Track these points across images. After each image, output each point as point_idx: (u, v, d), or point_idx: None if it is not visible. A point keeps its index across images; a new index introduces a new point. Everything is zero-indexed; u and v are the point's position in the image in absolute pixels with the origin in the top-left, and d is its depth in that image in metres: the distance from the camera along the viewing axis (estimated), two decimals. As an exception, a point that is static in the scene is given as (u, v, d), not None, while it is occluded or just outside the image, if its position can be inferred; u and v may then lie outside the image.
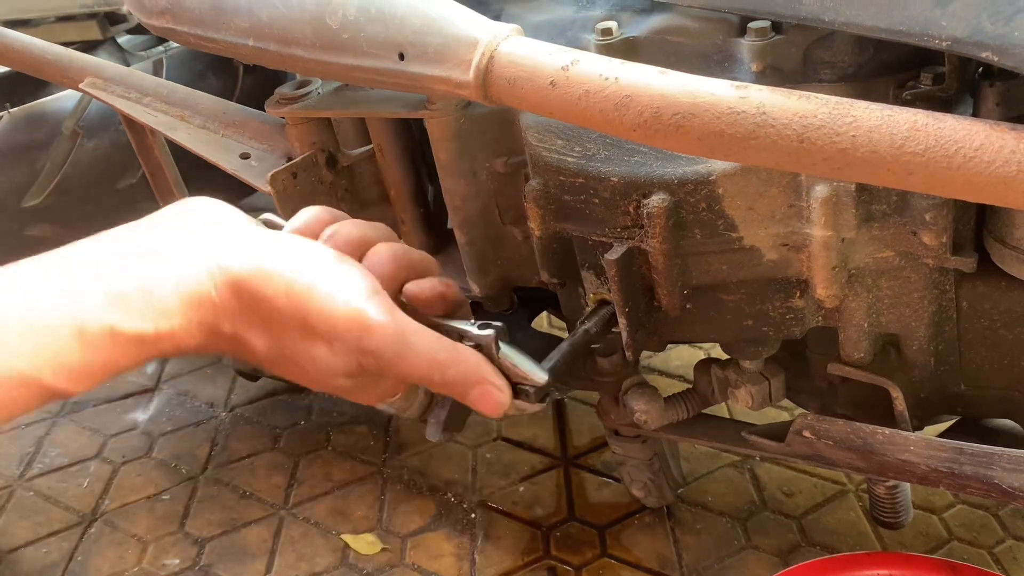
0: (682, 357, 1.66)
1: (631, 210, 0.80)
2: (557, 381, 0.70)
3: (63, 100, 1.37)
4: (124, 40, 1.55)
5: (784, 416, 1.44)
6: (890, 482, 1.01)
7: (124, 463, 1.60)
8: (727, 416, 1.39)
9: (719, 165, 0.76)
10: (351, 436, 1.61)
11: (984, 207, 0.78)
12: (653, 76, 0.56)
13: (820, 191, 0.75)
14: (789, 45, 0.74)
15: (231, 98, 1.29)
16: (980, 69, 0.73)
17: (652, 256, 0.80)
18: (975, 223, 0.79)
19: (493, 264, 0.99)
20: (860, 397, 0.91)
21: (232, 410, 1.71)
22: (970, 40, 0.55)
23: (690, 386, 1.04)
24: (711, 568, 1.29)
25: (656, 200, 0.77)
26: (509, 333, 0.62)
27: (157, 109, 1.12)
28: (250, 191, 1.11)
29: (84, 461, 1.61)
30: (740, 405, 0.97)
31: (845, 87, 0.73)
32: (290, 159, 1.01)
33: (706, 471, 1.44)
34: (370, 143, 1.02)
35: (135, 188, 1.42)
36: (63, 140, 1.35)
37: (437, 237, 1.09)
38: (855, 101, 0.53)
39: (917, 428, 0.91)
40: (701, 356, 1.10)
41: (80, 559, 1.42)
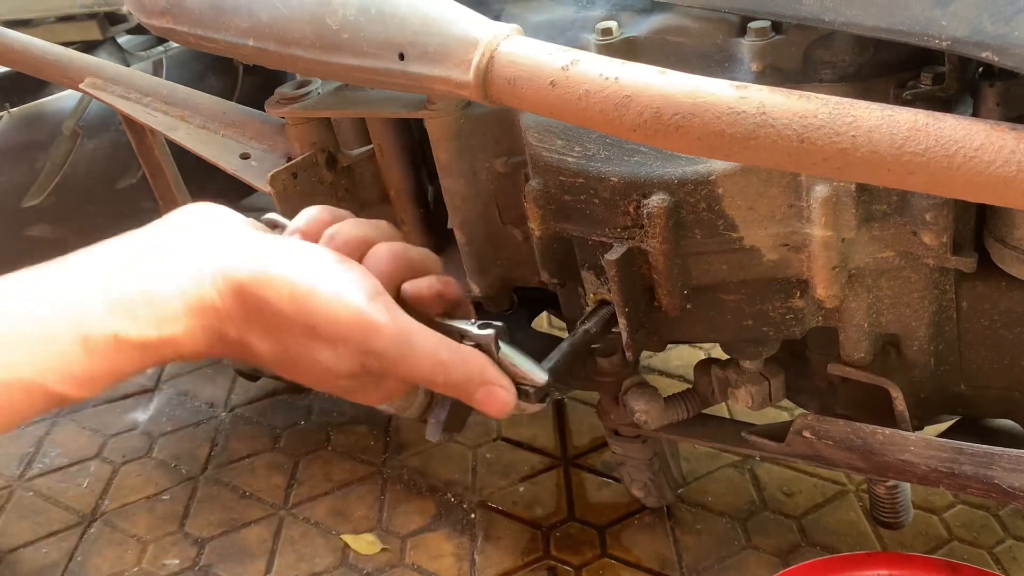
0: (682, 357, 1.66)
1: (631, 210, 0.80)
2: (557, 381, 0.70)
3: (63, 100, 1.36)
4: (124, 40, 1.55)
5: (784, 416, 1.44)
6: (890, 482, 1.01)
7: (124, 463, 1.60)
8: (727, 416, 1.39)
9: (719, 165, 0.76)
10: (351, 436, 1.61)
11: (984, 207, 0.77)
12: (653, 76, 0.56)
13: (820, 191, 0.75)
14: (789, 45, 0.74)
15: (231, 98, 1.29)
16: (980, 69, 0.73)
17: (652, 256, 0.80)
18: (975, 223, 0.79)
19: (493, 264, 0.99)
20: (860, 397, 0.91)
21: (232, 410, 1.71)
22: (970, 40, 0.55)
23: (690, 386, 1.04)
24: (711, 568, 1.29)
25: (656, 200, 0.77)
26: (509, 333, 0.62)
27: (157, 109, 1.12)
28: (250, 191, 1.11)
29: (84, 461, 1.61)
30: (740, 405, 0.97)
31: (845, 87, 0.73)
32: (290, 159, 1.01)
33: (706, 471, 1.44)
34: (370, 143, 1.02)
35: (135, 188, 1.41)
36: (63, 140, 1.35)
37: (437, 237, 1.09)
38: (855, 101, 0.53)
39: (917, 428, 0.91)
40: (701, 356, 1.10)
41: (80, 559, 1.42)
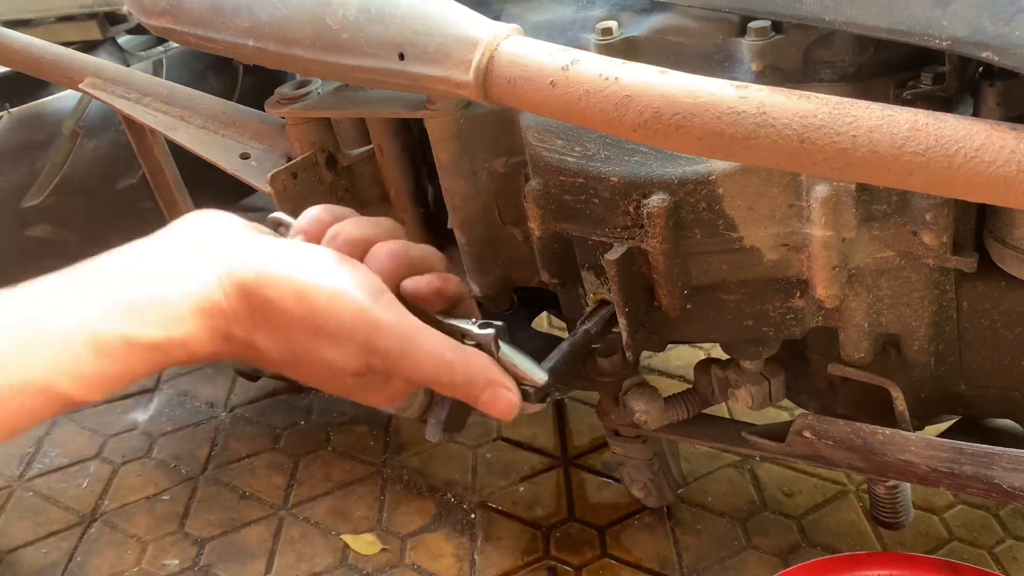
0: (682, 357, 1.66)
1: (631, 210, 0.79)
2: (557, 381, 0.70)
3: (63, 100, 1.36)
4: (124, 40, 1.55)
5: (784, 416, 1.44)
6: (890, 482, 1.01)
7: (124, 463, 1.60)
8: (727, 416, 1.39)
9: (719, 165, 0.76)
10: (351, 436, 1.61)
11: (984, 207, 0.77)
12: (653, 76, 0.56)
13: (820, 191, 0.75)
14: (789, 45, 0.74)
15: (231, 98, 1.29)
16: (980, 69, 0.73)
17: (652, 256, 0.80)
18: (975, 223, 0.79)
19: (493, 264, 0.99)
20: (860, 397, 0.91)
21: (232, 410, 1.71)
22: (971, 40, 0.55)
23: (690, 386, 1.04)
24: (711, 568, 1.29)
25: (656, 200, 0.77)
26: (509, 333, 0.62)
27: (157, 109, 1.12)
28: (250, 191, 1.10)
29: (84, 461, 1.61)
30: (740, 405, 0.97)
31: (845, 87, 0.73)
32: (290, 159, 1.01)
33: (706, 471, 1.44)
34: (370, 143, 1.02)
35: (135, 188, 1.41)
36: (63, 140, 1.35)
37: (437, 237, 1.09)
38: (855, 101, 0.53)
39: (917, 428, 0.91)
40: (701, 356, 1.10)
41: (79, 559, 1.42)
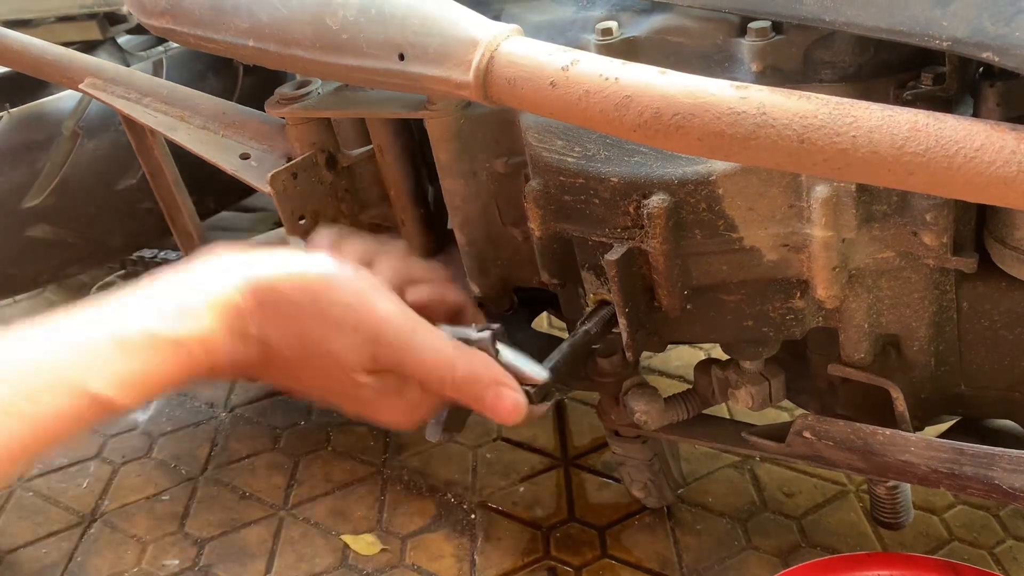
0: (682, 357, 1.66)
1: (631, 210, 0.79)
2: (557, 381, 0.70)
3: (63, 100, 1.36)
4: (124, 40, 1.55)
5: (784, 417, 1.44)
6: (890, 483, 1.01)
7: (124, 463, 1.60)
8: (727, 416, 1.39)
9: (719, 165, 0.76)
10: (351, 436, 1.61)
11: (984, 207, 0.77)
12: (653, 76, 0.56)
13: (820, 191, 0.75)
14: (789, 45, 0.74)
15: (231, 98, 1.29)
16: (980, 69, 0.73)
17: (652, 256, 0.80)
18: (975, 223, 0.79)
19: (493, 265, 0.99)
20: (860, 398, 0.91)
21: (232, 410, 1.71)
22: (971, 40, 0.55)
23: (690, 386, 1.04)
24: (711, 569, 1.29)
25: (656, 200, 0.77)
26: (509, 334, 0.63)
27: (157, 109, 1.11)
28: (250, 191, 1.10)
29: (84, 461, 1.61)
30: (740, 406, 0.97)
31: (845, 87, 0.73)
32: (290, 159, 1.01)
33: (706, 472, 1.44)
34: (370, 143, 1.02)
35: (135, 188, 1.41)
36: (63, 140, 1.35)
37: (437, 237, 1.09)
38: (855, 101, 0.53)
39: (917, 429, 0.91)
40: (701, 356, 1.10)
41: (79, 559, 1.42)
